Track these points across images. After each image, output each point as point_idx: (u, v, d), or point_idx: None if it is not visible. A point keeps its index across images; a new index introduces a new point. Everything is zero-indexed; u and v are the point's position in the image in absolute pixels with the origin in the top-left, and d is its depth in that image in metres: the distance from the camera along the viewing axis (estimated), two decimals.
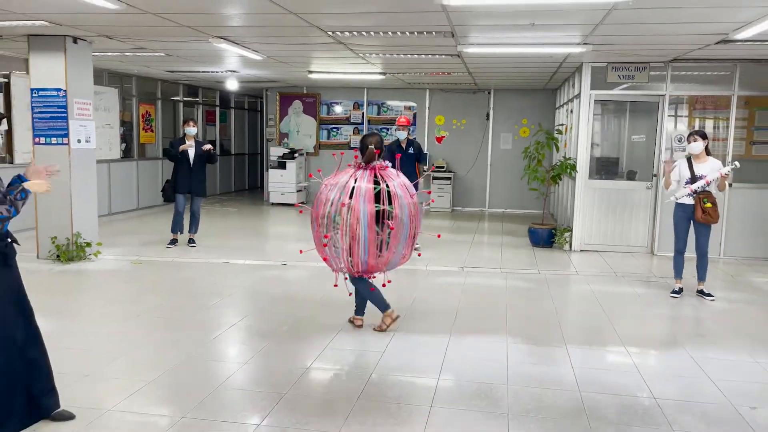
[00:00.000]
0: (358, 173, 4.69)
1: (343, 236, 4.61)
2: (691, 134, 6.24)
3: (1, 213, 3.02)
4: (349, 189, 4.59)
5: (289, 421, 3.45)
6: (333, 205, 4.61)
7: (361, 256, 4.60)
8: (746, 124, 8.87)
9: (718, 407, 3.77)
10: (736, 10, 5.16)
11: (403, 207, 4.59)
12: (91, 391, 3.73)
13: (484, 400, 3.78)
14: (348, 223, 4.54)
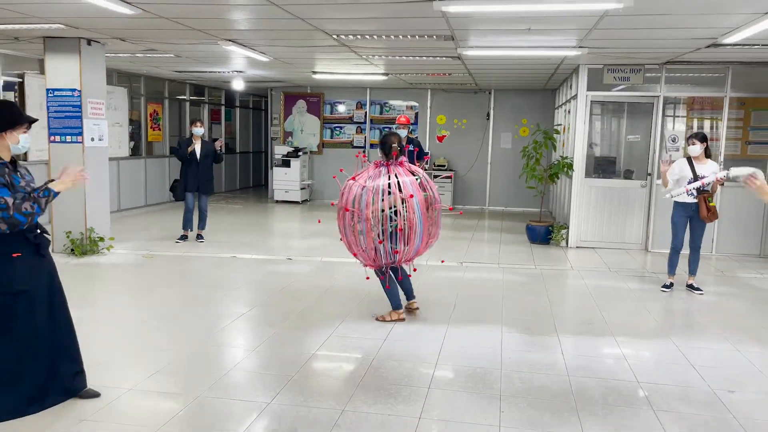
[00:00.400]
0: (392, 170, 4.97)
1: (402, 229, 4.90)
2: (690, 137, 6.48)
3: (26, 209, 3.27)
4: (395, 185, 4.88)
5: (296, 400, 3.73)
6: (384, 201, 4.87)
7: (416, 242, 4.97)
8: (742, 125, 9.13)
9: (699, 391, 4.04)
10: (724, 17, 5.42)
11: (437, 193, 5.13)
12: (112, 373, 4.00)
13: (479, 383, 4.05)
14: (404, 217, 4.86)
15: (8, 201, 3.18)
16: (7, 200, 3.17)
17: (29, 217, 3.28)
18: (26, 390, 3.38)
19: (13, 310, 3.33)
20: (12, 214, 3.18)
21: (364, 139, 14.20)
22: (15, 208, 3.19)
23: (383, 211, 4.90)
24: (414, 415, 3.55)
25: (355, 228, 5.00)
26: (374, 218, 4.88)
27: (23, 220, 3.24)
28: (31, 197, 3.29)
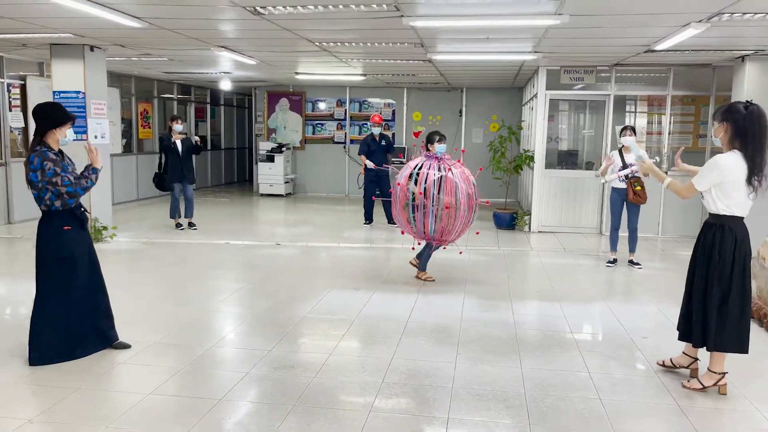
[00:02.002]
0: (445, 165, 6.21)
1: None
2: (624, 128, 7.43)
3: (84, 183, 4.10)
4: None
5: (292, 347, 4.58)
6: None
7: None
8: (693, 119, 10.16)
9: (619, 338, 4.98)
10: (648, 29, 6.37)
11: None
12: (134, 333, 4.79)
13: (441, 333, 4.94)
14: None
15: (72, 179, 4.00)
16: (72, 178, 4.00)
17: (85, 191, 4.10)
18: (72, 338, 4.19)
19: (59, 274, 4.13)
20: (76, 189, 3.99)
21: (345, 135, 15.03)
22: (77, 184, 4.03)
23: None
24: (388, 356, 4.42)
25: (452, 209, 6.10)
26: None
27: (81, 193, 4.05)
28: (84, 176, 4.11)
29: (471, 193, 6.14)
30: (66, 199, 4.05)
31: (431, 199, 6.09)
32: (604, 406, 3.70)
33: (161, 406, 3.60)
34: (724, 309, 3.74)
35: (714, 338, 3.78)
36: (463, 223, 6.22)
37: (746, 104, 3.70)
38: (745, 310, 3.75)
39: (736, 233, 3.70)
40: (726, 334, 3.75)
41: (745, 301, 3.75)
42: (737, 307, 3.72)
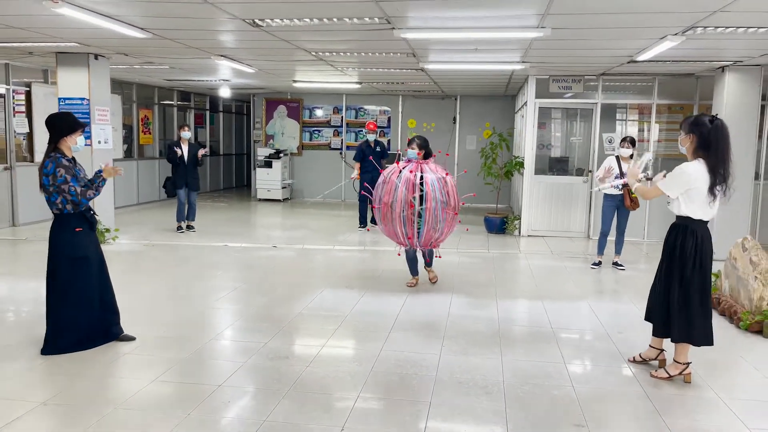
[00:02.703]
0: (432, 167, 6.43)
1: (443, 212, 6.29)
2: (624, 140, 7.71)
3: (90, 195, 4.39)
4: None
5: (287, 341, 4.86)
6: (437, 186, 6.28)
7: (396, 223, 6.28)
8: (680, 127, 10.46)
9: (596, 332, 5.27)
10: (627, 41, 6.69)
11: None
12: (137, 327, 5.06)
13: (428, 329, 5.23)
14: None
15: (77, 189, 4.28)
16: (77, 189, 4.27)
17: (89, 201, 4.39)
18: (83, 331, 4.47)
19: (72, 272, 4.41)
20: (80, 200, 4.28)
21: (341, 142, 15.34)
22: (82, 194, 4.30)
23: None
24: (377, 348, 4.70)
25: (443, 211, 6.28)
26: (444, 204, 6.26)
27: (85, 203, 4.33)
28: (93, 186, 4.40)
29: (449, 192, 6.33)
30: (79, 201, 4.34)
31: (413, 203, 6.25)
32: (576, 392, 3.99)
33: (163, 392, 3.88)
34: (685, 303, 4.03)
35: (677, 330, 4.07)
36: (441, 224, 6.35)
37: (711, 118, 4.00)
38: (705, 304, 4.04)
39: (698, 234, 4.01)
40: (688, 326, 4.05)
41: (704, 296, 4.04)
42: (697, 302, 4.02)
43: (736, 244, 5.85)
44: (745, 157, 8.57)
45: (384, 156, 10.87)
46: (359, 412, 3.62)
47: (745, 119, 8.50)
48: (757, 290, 5.34)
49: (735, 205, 8.56)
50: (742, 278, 5.60)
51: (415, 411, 3.67)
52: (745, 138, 8.52)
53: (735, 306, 5.60)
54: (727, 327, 5.49)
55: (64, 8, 5.42)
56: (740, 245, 5.75)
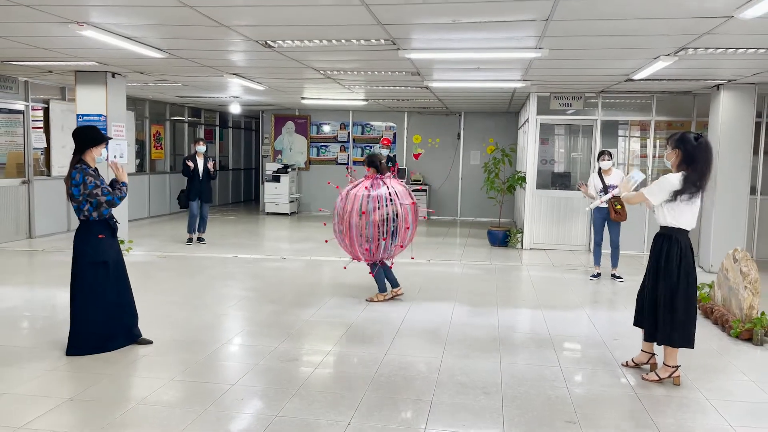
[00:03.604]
0: (386, 182, 6.38)
1: (400, 228, 6.32)
2: (601, 153, 8.00)
3: (119, 194, 4.71)
4: (389, 195, 6.29)
5: (296, 345, 5.12)
6: (388, 207, 6.25)
7: (354, 241, 6.32)
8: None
9: (592, 339, 5.50)
10: (623, 61, 6.99)
11: None
12: (154, 332, 5.33)
13: (431, 335, 5.47)
14: (402, 217, 6.30)
15: (109, 189, 4.63)
16: (109, 189, 4.61)
17: (120, 200, 4.70)
18: (104, 334, 4.74)
19: (94, 277, 4.70)
20: (114, 199, 4.59)
21: (347, 157, 15.67)
22: (114, 194, 4.64)
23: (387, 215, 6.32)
24: (381, 353, 4.95)
25: (362, 229, 6.27)
26: (380, 220, 6.27)
27: (118, 202, 4.65)
28: (117, 188, 4.71)
29: (405, 204, 6.38)
30: (103, 209, 4.63)
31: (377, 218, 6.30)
32: (570, 393, 4.22)
33: (181, 390, 4.13)
34: (671, 308, 4.27)
35: (663, 334, 4.31)
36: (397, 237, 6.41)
37: (696, 136, 4.27)
38: (690, 309, 4.28)
39: (681, 243, 4.26)
40: (671, 330, 4.28)
41: (689, 301, 4.28)
42: (682, 307, 4.25)
43: (728, 255, 6.07)
44: (740, 172, 8.82)
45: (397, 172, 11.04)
46: (364, 409, 3.86)
47: (740, 136, 8.76)
48: (747, 299, 5.56)
49: (731, 218, 8.85)
50: (733, 288, 5.83)
51: (417, 409, 3.91)
52: (741, 154, 8.77)
53: (727, 315, 5.81)
54: (719, 335, 5.70)
55: (88, 30, 5.76)
56: (731, 256, 5.97)
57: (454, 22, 5.29)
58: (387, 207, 6.27)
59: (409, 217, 6.37)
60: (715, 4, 4.57)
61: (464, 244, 11.07)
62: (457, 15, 5.08)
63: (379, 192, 6.29)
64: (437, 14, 5.08)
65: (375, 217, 6.24)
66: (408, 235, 6.42)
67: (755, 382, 4.54)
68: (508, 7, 4.81)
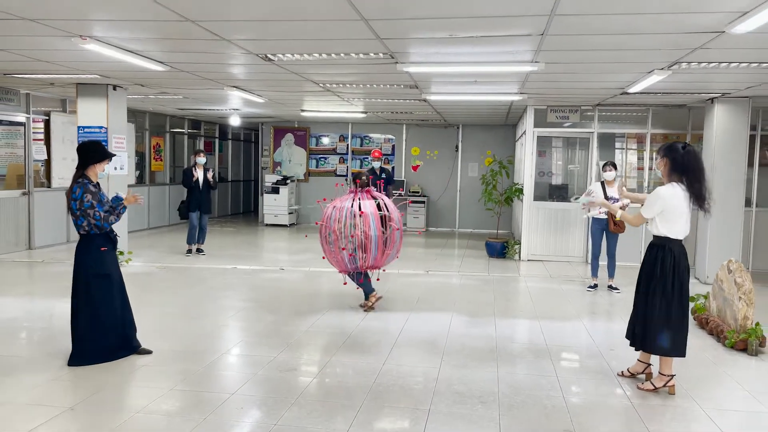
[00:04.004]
0: (359, 196, 6.52)
1: (359, 240, 6.37)
2: (606, 164, 8.09)
3: (112, 220, 4.74)
4: (357, 206, 6.41)
5: (295, 355, 5.16)
6: (347, 219, 6.36)
7: (373, 251, 6.39)
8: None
9: (589, 349, 5.55)
10: (618, 75, 7.09)
11: (395, 213, 6.59)
12: (153, 342, 5.36)
13: (429, 345, 5.51)
14: (362, 228, 6.32)
15: (101, 214, 4.64)
16: (101, 214, 4.64)
17: (110, 225, 4.75)
18: (106, 345, 4.78)
19: (96, 288, 4.74)
20: (103, 224, 4.64)
21: (346, 169, 15.76)
22: (104, 219, 4.66)
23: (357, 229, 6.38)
24: (380, 362, 4.99)
25: (335, 241, 6.43)
26: (340, 232, 6.36)
27: (107, 227, 4.69)
28: (114, 212, 4.75)
29: (392, 217, 6.52)
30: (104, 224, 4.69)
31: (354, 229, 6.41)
32: (566, 402, 4.26)
33: (181, 399, 4.17)
34: (667, 317, 4.33)
35: (654, 342, 4.37)
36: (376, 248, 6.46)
37: (684, 145, 4.37)
38: (683, 318, 4.34)
39: (675, 252, 4.33)
40: (663, 338, 4.34)
41: (683, 311, 4.34)
42: (676, 316, 4.31)
43: (722, 266, 6.13)
44: (735, 184, 8.90)
45: (390, 182, 11.15)
46: (362, 418, 3.90)
47: (735, 148, 8.85)
48: (741, 310, 5.61)
49: (726, 230, 8.92)
50: (728, 299, 5.88)
51: (415, 418, 3.95)
52: (735, 166, 8.86)
53: (722, 325, 5.87)
54: (714, 345, 5.75)
55: (91, 44, 5.84)
56: (726, 267, 6.04)
57: (451, 36, 5.38)
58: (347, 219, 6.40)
59: (369, 229, 6.39)
60: (706, 20, 4.66)
61: (462, 255, 11.12)
62: (454, 30, 5.18)
63: (342, 205, 6.44)
64: (435, 29, 5.17)
65: (335, 227, 6.37)
66: (372, 247, 6.43)
67: (750, 392, 4.59)
68: (504, 22, 4.91)
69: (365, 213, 6.36)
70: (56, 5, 4.74)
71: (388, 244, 6.58)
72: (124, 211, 4.89)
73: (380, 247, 6.48)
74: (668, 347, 4.36)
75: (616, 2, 4.26)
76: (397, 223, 6.60)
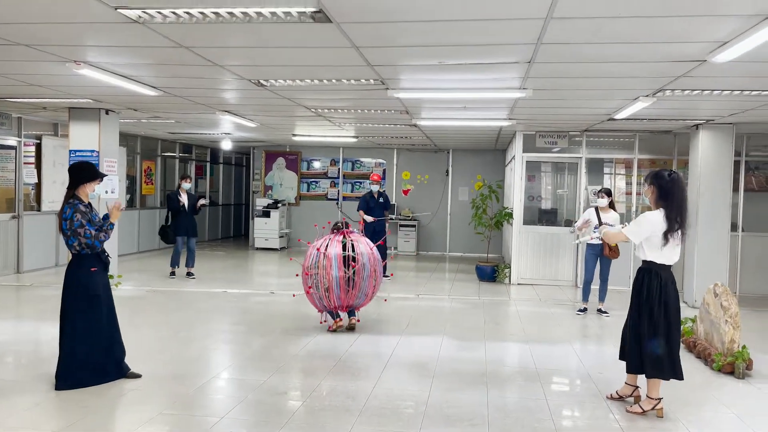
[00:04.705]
0: (331, 237, 6.70)
1: (322, 279, 6.47)
2: (599, 191, 8.20)
3: (102, 238, 4.76)
4: (324, 247, 6.56)
5: (285, 378, 5.15)
6: (314, 259, 6.55)
7: (335, 291, 6.42)
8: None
9: (578, 372, 5.57)
10: (604, 101, 7.24)
11: (364, 254, 6.60)
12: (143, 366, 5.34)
13: (419, 368, 5.52)
14: (325, 268, 6.41)
15: (92, 233, 4.65)
16: (92, 232, 4.65)
17: (101, 244, 4.76)
18: (94, 368, 4.76)
19: (86, 309, 4.74)
20: (94, 242, 4.65)
21: (337, 193, 15.83)
22: (95, 237, 4.67)
23: None
24: (370, 386, 4.99)
25: (304, 281, 6.63)
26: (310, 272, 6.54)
27: (98, 246, 4.71)
28: (104, 230, 4.77)
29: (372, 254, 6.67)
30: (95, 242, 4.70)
31: None
32: (555, 425, 4.27)
33: (170, 423, 4.15)
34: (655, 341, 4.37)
35: (646, 366, 4.41)
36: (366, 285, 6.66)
37: (669, 172, 4.48)
38: (672, 341, 4.39)
39: (662, 277, 4.39)
40: (657, 362, 4.38)
41: (671, 334, 4.39)
42: (665, 340, 4.36)
43: (708, 290, 6.20)
44: (721, 209, 9.04)
45: (387, 207, 11.17)
46: None
47: (720, 174, 9.00)
48: (728, 333, 5.67)
49: (713, 255, 9.02)
50: (715, 322, 5.94)
51: None
52: (720, 191, 9.00)
53: (709, 349, 5.91)
54: (702, 369, 5.79)
55: (85, 69, 5.91)
56: (712, 291, 6.11)
57: (440, 63, 5.50)
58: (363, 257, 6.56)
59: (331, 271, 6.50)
60: (688, 49, 4.80)
61: (453, 279, 11.15)
62: (443, 57, 5.29)
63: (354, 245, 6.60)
64: (425, 57, 5.28)
65: (358, 266, 6.51)
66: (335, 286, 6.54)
67: (737, 415, 4.62)
68: (492, 51, 5.03)
69: (329, 255, 6.46)
70: (52, 31, 4.81)
71: (354, 285, 6.58)
72: (112, 228, 4.89)
73: (342, 288, 6.50)
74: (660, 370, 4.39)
75: (599, 31, 4.39)
76: (367, 265, 6.60)
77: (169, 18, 4.20)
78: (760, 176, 10.72)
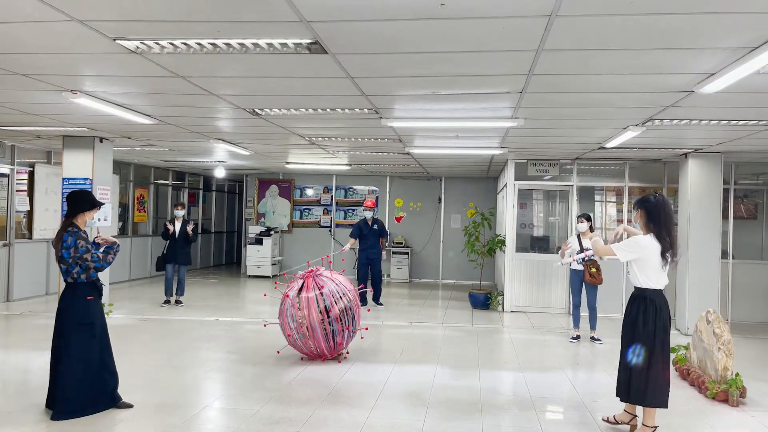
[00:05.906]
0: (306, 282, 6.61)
1: (301, 327, 6.44)
2: (579, 216, 8.30)
3: (110, 259, 4.81)
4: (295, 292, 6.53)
5: (279, 407, 5.10)
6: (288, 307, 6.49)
7: (321, 340, 6.45)
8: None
9: (572, 400, 5.55)
10: (594, 130, 7.35)
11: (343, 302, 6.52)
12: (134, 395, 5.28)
13: (413, 397, 5.48)
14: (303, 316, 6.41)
15: (100, 255, 4.67)
16: (100, 255, 4.67)
17: (108, 265, 4.78)
18: (89, 397, 4.71)
19: (81, 339, 4.70)
20: (102, 264, 4.66)
21: (330, 220, 15.85)
22: (103, 259, 4.70)
23: None
24: (364, 415, 4.95)
25: (284, 327, 6.54)
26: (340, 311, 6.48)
27: (106, 266, 4.73)
28: (111, 252, 4.79)
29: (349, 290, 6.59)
30: (91, 272, 4.70)
31: None
32: None
33: None
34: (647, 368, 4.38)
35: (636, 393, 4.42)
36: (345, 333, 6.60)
37: (655, 195, 4.55)
38: (665, 369, 4.40)
39: (656, 302, 4.43)
40: (645, 388, 4.38)
41: (664, 361, 4.40)
42: (658, 367, 4.37)
43: (701, 317, 6.24)
44: (710, 236, 9.12)
45: (382, 234, 11.15)
46: None
47: (709, 201, 9.11)
48: (721, 360, 5.69)
49: (704, 282, 9.08)
50: (708, 350, 5.96)
51: None
52: (710, 219, 9.10)
53: (703, 376, 5.92)
54: (696, 396, 5.79)
55: (81, 98, 5.96)
56: (704, 318, 6.14)
57: (433, 93, 5.59)
58: (342, 299, 6.50)
59: None
60: (676, 80, 4.91)
61: (446, 307, 11.13)
62: (436, 87, 5.38)
63: (330, 288, 6.50)
64: (418, 86, 5.37)
65: (336, 310, 6.43)
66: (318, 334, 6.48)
67: None
68: (484, 81, 5.12)
69: (301, 300, 6.41)
70: (50, 61, 4.86)
71: (334, 333, 6.51)
72: (118, 249, 4.96)
73: (321, 335, 6.44)
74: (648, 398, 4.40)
75: (589, 63, 4.49)
76: (345, 310, 6.52)
77: (167, 49, 4.27)
78: (749, 204, 10.87)
